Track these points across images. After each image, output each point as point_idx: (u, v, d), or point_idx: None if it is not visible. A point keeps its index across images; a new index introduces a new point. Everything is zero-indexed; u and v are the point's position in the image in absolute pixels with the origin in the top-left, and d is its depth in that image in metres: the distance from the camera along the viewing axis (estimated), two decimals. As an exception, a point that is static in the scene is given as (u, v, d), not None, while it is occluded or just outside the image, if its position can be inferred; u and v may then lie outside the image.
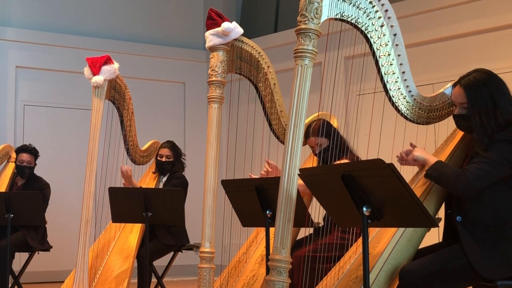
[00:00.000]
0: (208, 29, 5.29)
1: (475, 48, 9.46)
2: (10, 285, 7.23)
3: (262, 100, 5.40)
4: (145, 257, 6.70)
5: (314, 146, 5.58)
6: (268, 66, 5.31)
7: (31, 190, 7.91)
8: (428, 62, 9.73)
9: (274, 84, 5.31)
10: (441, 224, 4.30)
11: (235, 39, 5.28)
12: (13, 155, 8.28)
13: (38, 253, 8.06)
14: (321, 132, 5.46)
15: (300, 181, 4.00)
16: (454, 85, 4.32)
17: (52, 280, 10.80)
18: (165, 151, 7.62)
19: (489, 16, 9.33)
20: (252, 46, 5.31)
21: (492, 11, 9.29)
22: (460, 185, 4.03)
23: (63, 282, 6.84)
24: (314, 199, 4.49)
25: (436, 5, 9.93)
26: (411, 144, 4.69)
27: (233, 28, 5.22)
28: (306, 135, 5.57)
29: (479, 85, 4.17)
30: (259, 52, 5.32)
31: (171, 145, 7.66)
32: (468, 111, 4.19)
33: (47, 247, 8.07)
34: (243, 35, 5.34)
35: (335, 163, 5.34)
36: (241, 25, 5.38)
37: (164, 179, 7.67)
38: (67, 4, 12.24)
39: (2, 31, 11.44)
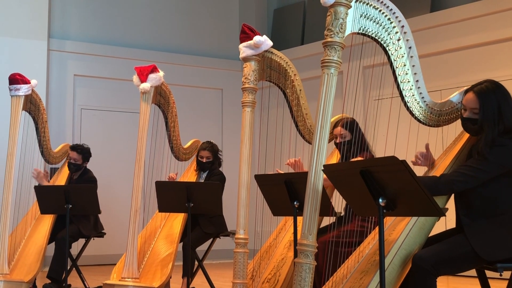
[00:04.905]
0: (241, 41, 5.29)
1: (478, 59, 9.46)
2: (68, 267, 7.27)
3: (290, 104, 5.40)
4: (188, 243, 6.74)
5: (338, 136, 5.58)
6: (295, 74, 5.31)
7: (82, 183, 7.96)
8: (437, 71, 9.74)
9: (300, 90, 5.31)
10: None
11: (266, 51, 5.28)
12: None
13: (94, 239, 8.12)
14: (346, 126, 5.48)
15: (324, 175, 4.02)
16: (466, 91, 4.31)
17: (105, 263, 10.87)
18: (205, 153, 7.59)
19: (491, 30, 9.34)
20: (280, 57, 5.31)
21: (493, 26, 9.30)
22: (444, 188, 4.18)
23: (115, 264, 6.88)
24: (336, 192, 4.50)
25: (444, 21, 9.95)
26: (426, 146, 4.72)
27: (264, 41, 5.22)
28: (335, 125, 5.60)
29: (490, 93, 4.17)
30: (287, 62, 5.32)
31: (210, 146, 7.62)
32: (479, 116, 4.19)
33: (100, 232, 8.13)
34: (273, 47, 5.34)
35: (352, 159, 5.35)
36: (272, 39, 5.39)
37: (204, 175, 7.68)
38: (118, 19, 12.34)
39: (62, 44, 11.56)
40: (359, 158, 5.29)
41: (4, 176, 7.22)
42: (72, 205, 6.66)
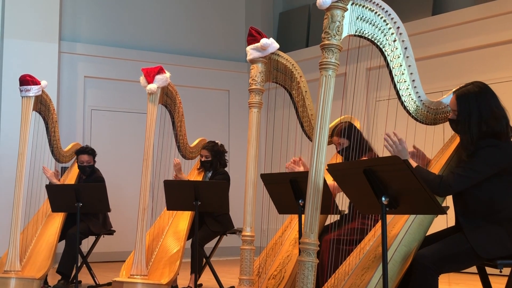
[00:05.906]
0: (249, 44, 5.31)
1: (478, 61, 9.49)
2: (79, 264, 7.30)
3: (295, 105, 5.42)
4: (195, 241, 6.76)
5: (337, 144, 5.59)
6: (301, 76, 5.32)
7: (90, 182, 7.99)
8: (438, 73, 9.75)
9: (306, 91, 5.33)
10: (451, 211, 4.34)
11: (272, 53, 5.29)
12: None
13: (103, 237, 8.15)
14: (342, 133, 5.47)
15: (331, 182, 4.03)
16: (453, 93, 4.36)
17: (115, 260, 10.90)
18: (204, 152, 7.65)
19: (490, 33, 9.36)
20: (286, 59, 5.32)
21: (492, 29, 9.32)
22: (442, 190, 4.16)
23: (124, 261, 6.91)
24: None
25: (446, 24, 9.96)
26: (414, 147, 4.75)
27: (270, 44, 5.23)
28: (332, 134, 5.61)
29: (470, 97, 4.21)
30: (293, 64, 5.33)
31: (210, 146, 7.66)
32: (457, 117, 4.24)
33: (109, 229, 8.17)
34: (279, 49, 5.35)
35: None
36: (277, 41, 5.40)
37: (209, 174, 7.72)
38: (128, 22, 12.37)
39: (73, 46, 11.60)
40: (363, 158, 5.31)
41: (16, 175, 7.26)
42: (82, 204, 6.70)
